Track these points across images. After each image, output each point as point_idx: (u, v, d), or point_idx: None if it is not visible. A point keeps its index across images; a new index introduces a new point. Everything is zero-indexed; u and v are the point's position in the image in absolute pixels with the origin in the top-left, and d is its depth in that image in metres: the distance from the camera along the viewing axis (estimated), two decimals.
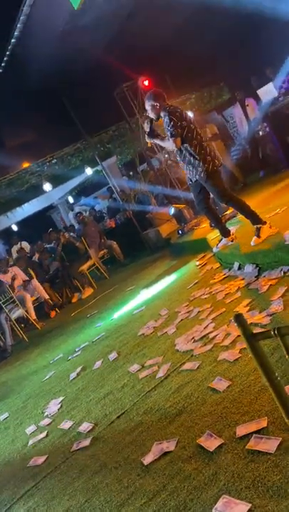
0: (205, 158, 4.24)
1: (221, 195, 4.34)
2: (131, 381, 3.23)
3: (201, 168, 4.25)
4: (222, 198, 4.37)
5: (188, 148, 4.24)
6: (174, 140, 4.17)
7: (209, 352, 2.94)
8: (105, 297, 6.98)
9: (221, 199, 4.39)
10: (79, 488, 2.31)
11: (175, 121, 4.14)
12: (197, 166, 4.27)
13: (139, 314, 4.83)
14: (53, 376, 4.49)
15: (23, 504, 2.47)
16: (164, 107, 4.24)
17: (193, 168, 4.32)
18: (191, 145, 4.23)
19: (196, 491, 1.79)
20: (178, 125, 4.15)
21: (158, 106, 4.26)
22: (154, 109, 4.29)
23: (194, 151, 4.23)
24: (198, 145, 4.24)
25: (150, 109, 4.32)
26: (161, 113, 4.26)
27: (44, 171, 10.39)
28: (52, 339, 6.21)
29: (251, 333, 1.29)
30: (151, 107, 4.29)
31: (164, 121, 4.27)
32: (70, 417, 3.24)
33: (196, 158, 4.24)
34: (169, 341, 3.55)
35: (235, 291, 3.72)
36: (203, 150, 4.25)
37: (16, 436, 3.51)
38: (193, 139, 4.23)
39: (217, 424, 2.14)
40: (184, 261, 6.19)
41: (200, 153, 4.23)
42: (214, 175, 4.27)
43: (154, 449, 2.23)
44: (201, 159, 4.23)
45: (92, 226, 9.23)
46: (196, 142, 4.24)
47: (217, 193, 4.34)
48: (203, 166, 4.23)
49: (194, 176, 4.37)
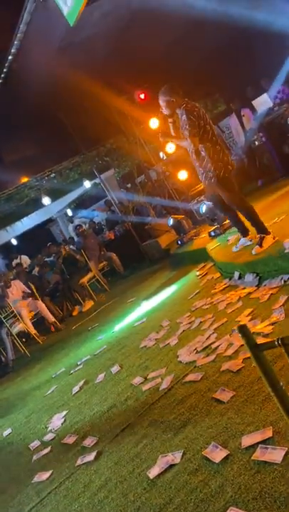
0: (217, 164, 4.10)
1: (231, 201, 4.23)
2: (134, 394, 3.22)
3: (212, 173, 4.12)
4: (231, 204, 4.26)
5: (203, 150, 4.08)
6: (192, 139, 3.98)
7: (212, 363, 2.93)
8: (106, 310, 6.97)
9: (231, 204, 4.28)
10: (84, 503, 2.29)
11: (193, 120, 3.96)
12: (208, 170, 4.14)
13: (141, 326, 4.82)
14: (55, 390, 4.47)
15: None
16: (180, 104, 4.05)
17: (204, 172, 4.20)
18: (206, 147, 4.08)
19: (203, 504, 1.78)
20: (196, 124, 3.98)
21: (174, 101, 4.05)
22: (169, 105, 4.09)
23: (208, 155, 4.08)
24: (212, 148, 4.09)
25: (165, 104, 4.11)
26: (178, 110, 4.08)
27: (43, 185, 10.46)
28: (54, 353, 6.18)
29: (255, 344, 1.30)
30: (167, 103, 4.08)
31: (180, 119, 4.08)
32: (74, 431, 3.22)
33: (208, 162, 4.10)
34: (171, 353, 3.54)
35: (236, 301, 3.73)
36: (216, 154, 4.10)
37: (20, 452, 3.48)
38: (208, 141, 4.08)
39: (222, 435, 2.13)
40: (184, 271, 6.19)
41: (212, 158, 4.09)
42: (225, 181, 4.15)
43: (159, 462, 2.21)
44: (212, 164, 4.09)
45: (92, 238, 9.25)
46: (210, 145, 4.09)
47: (227, 198, 4.24)
48: (214, 171, 4.11)
49: (205, 179, 4.26)
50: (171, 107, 4.10)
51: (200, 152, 4.13)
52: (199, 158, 4.18)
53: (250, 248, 4.16)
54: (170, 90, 4.08)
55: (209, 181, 4.21)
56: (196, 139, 4.01)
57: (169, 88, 4.09)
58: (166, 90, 4.09)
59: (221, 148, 4.17)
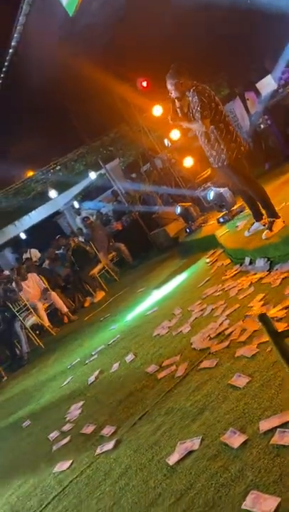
0: (229, 146, 4.03)
1: (242, 183, 4.19)
2: (150, 382, 3.25)
3: (225, 155, 4.06)
4: (243, 185, 4.21)
5: (215, 132, 4.02)
6: (204, 121, 3.92)
7: (226, 349, 2.94)
8: (117, 300, 7.01)
9: (243, 186, 4.23)
10: (106, 491, 2.34)
11: (205, 102, 3.91)
12: (220, 152, 4.07)
13: (153, 315, 4.85)
14: (71, 381, 4.52)
15: (52, 509, 2.50)
16: (191, 86, 3.99)
17: (216, 154, 4.13)
18: (218, 129, 4.01)
19: (224, 488, 1.81)
20: (208, 106, 3.92)
21: (182, 83, 3.99)
22: (178, 87, 4.01)
23: (220, 136, 4.01)
24: (225, 129, 4.02)
25: (174, 87, 4.03)
26: (188, 92, 4.01)
27: (49, 178, 10.46)
28: (68, 344, 6.24)
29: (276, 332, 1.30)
30: (174, 85, 4.01)
31: (191, 102, 4.01)
32: (92, 420, 3.26)
33: (220, 144, 4.04)
34: (184, 340, 3.56)
35: (248, 287, 3.72)
36: (230, 135, 4.03)
37: (40, 442, 3.54)
38: (220, 121, 4.01)
39: (240, 420, 2.15)
40: (193, 259, 6.19)
41: (225, 139, 4.02)
42: (237, 163, 4.09)
43: (178, 449, 2.24)
44: (225, 146, 4.03)
45: (100, 230, 9.26)
46: (223, 126, 4.02)
47: (239, 180, 4.19)
48: (227, 153, 4.04)
49: (217, 162, 4.19)
50: (180, 90, 4.03)
51: (211, 135, 4.06)
52: (210, 141, 4.11)
53: (262, 232, 4.14)
54: (178, 72, 4.01)
55: (222, 164, 4.14)
56: (207, 121, 3.96)
57: (177, 70, 4.03)
58: (173, 72, 4.03)
59: (233, 129, 4.11)
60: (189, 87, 4.02)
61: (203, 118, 3.94)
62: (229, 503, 1.72)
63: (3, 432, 4.40)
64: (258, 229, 4.37)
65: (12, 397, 5.50)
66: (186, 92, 4.05)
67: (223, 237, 5.31)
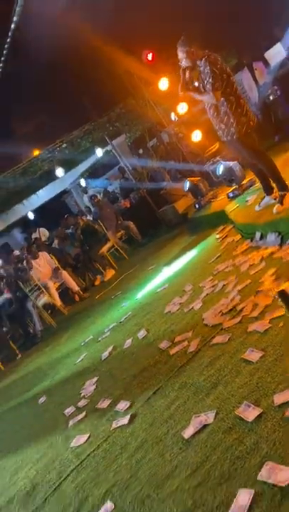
0: (239, 120, 3.95)
1: (252, 157, 4.11)
2: (163, 357, 3.28)
3: (234, 129, 3.98)
4: (253, 159, 4.13)
5: (225, 105, 3.93)
6: (215, 93, 3.82)
7: (239, 324, 2.95)
8: (127, 278, 7.03)
9: (253, 160, 4.16)
10: (123, 464, 2.39)
11: (216, 73, 3.81)
12: (230, 125, 3.99)
13: (163, 292, 4.86)
14: (85, 358, 4.59)
15: (70, 482, 2.57)
16: (202, 55, 3.89)
17: (225, 128, 4.04)
18: (228, 101, 3.92)
19: (239, 461, 1.84)
20: (219, 77, 3.81)
21: (194, 51, 3.88)
22: (189, 56, 3.90)
23: (230, 109, 3.93)
24: (236, 102, 3.93)
25: (185, 56, 3.93)
26: (199, 62, 3.91)
27: (55, 156, 10.39)
28: (80, 322, 6.32)
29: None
30: (186, 54, 3.90)
31: (202, 72, 3.91)
32: (106, 396, 3.32)
33: (230, 118, 3.95)
34: (196, 316, 3.57)
35: (259, 262, 3.70)
36: (240, 108, 3.95)
37: (56, 418, 3.62)
38: (231, 94, 3.92)
39: (254, 394, 2.17)
40: (203, 235, 6.16)
41: (235, 112, 3.93)
42: (246, 137, 4.00)
43: (193, 423, 2.28)
44: (235, 119, 3.95)
45: (108, 208, 9.23)
46: (234, 99, 3.93)
47: (248, 154, 4.12)
48: (236, 127, 3.96)
49: (226, 135, 4.10)
50: (191, 58, 3.92)
51: (220, 107, 3.97)
52: (219, 114, 4.02)
53: (272, 207, 4.09)
54: (189, 40, 3.91)
55: (232, 137, 4.06)
56: (218, 93, 3.86)
57: (188, 38, 3.92)
58: (185, 40, 3.92)
59: (244, 102, 4.01)
60: (200, 57, 3.91)
61: (215, 90, 3.83)
62: (245, 475, 1.76)
63: (19, 408, 4.51)
64: (268, 203, 4.31)
65: (27, 375, 5.61)
66: (197, 62, 3.93)
67: (233, 212, 5.26)
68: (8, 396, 5.25)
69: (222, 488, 1.78)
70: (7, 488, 3.02)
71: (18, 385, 5.43)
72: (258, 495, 1.63)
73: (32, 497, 2.71)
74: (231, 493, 1.72)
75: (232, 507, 1.64)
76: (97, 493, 2.31)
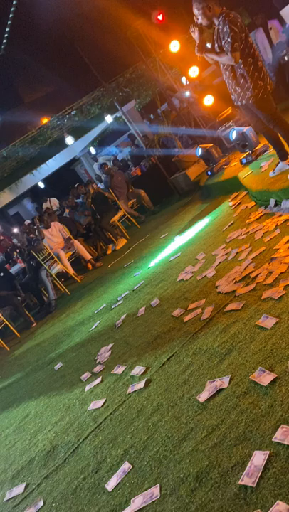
0: (256, 83, 3.80)
1: (268, 120, 3.98)
2: (176, 325, 3.32)
3: (250, 93, 3.84)
4: (270, 122, 4.00)
5: (242, 67, 3.78)
6: (234, 54, 3.63)
7: (252, 291, 2.96)
8: (139, 247, 7.04)
9: (269, 122, 4.02)
10: (139, 426, 2.46)
11: (236, 32, 3.60)
12: (246, 89, 3.85)
13: (176, 260, 4.87)
14: (99, 325, 4.67)
15: (89, 443, 2.67)
16: (220, 13, 3.67)
17: (241, 91, 3.91)
18: (245, 63, 3.75)
19: (254, 423, 1.88)
20: (238, 37, 3.61)
21: (210, 8, 3.65)
22: (205, 13, 3.69)
23: (247, 72, 3.77)
24: (253, 64, 3.77)
25: (201, 13, 3.71)
26: (216, 20, 3.71)
27: (64, 123, 10.22)
28: (93, 291, 6.38)
29: None
30: (203, 11, 3.68)
31: (221, 30, 3.70)
32: (121, 362, 3.39)
33: (247, 81, 3.80)
34: (209, 284, 3.58)
35: (273, 229, 3.67)
36: (257, 72, 3.79)
37: (73, 383, 3.72)
38: (249, 55, 3.74)
39: (268, 360, 2.20)
40: (216, 203, 6.10)
41: (252, 75, 3.78)
42: (263, 100, 3.87)
43: (208, 387, 2.32)
44: (252, 83, 3.80)
45: (119, 176, 9.14)
46: (252, 61, 3.76)
47: (265, 117, 3.98)
48: (253, 91, 3.82)
49: (241, 99, 3.97)
50: (207, 15, 3.70)
51: (237, 69, 3.81)
52: (236, 77, 3.86)
53: (287, 173, 4.02)
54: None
55: (247, 101, 3.94)
56: (237, 54, 3.67)
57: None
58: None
59: (262, 64, 3.84)
60: (218, 14, 3.69)
61: (233, 50, 3.63)
62: (260, 437, 1.80)
63: (36, 375, 4.63)
64: (283, 169, 4.23)
65: (43, 342, 5.74)
66: (214, 19, 3.72)
67: (246, 178, 5.17)
68: (24, 363, 5.39)
69: (237, 449, 1.83)
70: (28, 449, 3.15)
71: (34, 352, 5.56)
72: (273, 456, 1.67)
73: (52, 457, 2.82)
74: (246, 454, 1.77)
75: (247, 467, 1.69)
76: (115, 454, 2.39)
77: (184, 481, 1.87)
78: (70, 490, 2.38)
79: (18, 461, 3.08)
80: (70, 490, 2.38)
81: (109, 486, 2.18)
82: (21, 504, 2.59)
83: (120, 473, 2.21)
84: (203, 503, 1.71)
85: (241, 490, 1.64)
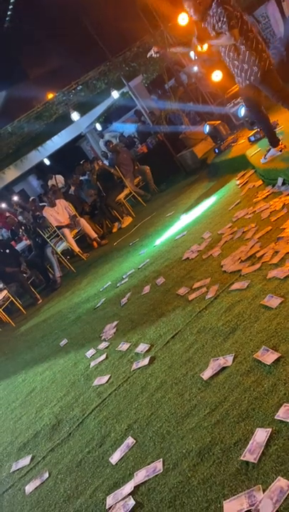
0: (261, 55, 3.82)
1: (277, 96, 3.98)
2: (181, 303, 3.33)
3: (257, 66, 3.84)
4: (278, 99, 4.01)
5: (244, 43, 3.79)
6: (233, 32, 3.65)
7: (258, 271, 2.95)
8: (145, 225, 7.02)
9: (277, 99, 4.03)
10: (143, 402, 2.50)
11: (230, 11, 3.66)
12: (252, 64, 3.86)
13: (182, 239, 4.85)
14: (104, 303, 4.69)
15: (93, 418, 2.71)
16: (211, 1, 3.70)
17: (248, 67, 3.89)
18: (247, 38, 3.77)
19: (257, 401, 1.89)
20: (233, 15, 3.65)
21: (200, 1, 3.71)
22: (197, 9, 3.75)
23: (250, 47, 3.78)
24: (255, 38, 3.79)
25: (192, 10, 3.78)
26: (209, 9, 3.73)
27: (70, 99, 10.06)
28: (98, 268, 6.40)
29: None
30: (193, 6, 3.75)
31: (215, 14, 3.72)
32: (126, 339, 3.42)
33: (253, 54, 3.81)
34: (215, 263, 3.57)
35: (280, 208, 3.63)
36: (260, 44, 3.82)
37: (78, 359, 3.77)
38: (249, 31, 3.78)
39: (272, 339, 2.20)
40: (223, 181, 6.03)
41: (256, 48, 3.79)
42: (271, 74, 3.89)
43: (211, 365, 2.34)
44: (257, 56, 3.81)
45: (125, 153, 9.04)
46: (252, 35, 3.79)
47: (273, 93, 3.98)
48: (260, 63, 3.83)
49: (249, 76, 3.95)
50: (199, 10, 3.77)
51: (240, 47, 3.81)
52: (240, 54, 3.85)
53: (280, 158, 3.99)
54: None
55: (255, 76, 3.91)
56: (236, 31, 3.68)
57: None
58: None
59: (262, 39, 3.89)
60: (210, 3, 3.73)
61: (231, 28, 3.66)
62: (262, 414, 1.82)
63: (42, 351, 4.69)
64: (274, 155, 4.31)
65: (48, 318, 5.79)
66: (207, 11, 3.76)
67: (254, 156, 5.10)
68: (30, 339, 5.46)
69: (240, 426, 1.85)
70: (34, 423, 3.21)
71: (39, 329, 5.62)
72: (275, 433, 1.69)
73: (57, 431, 2.88)
74: (249, 431, 1.79)
75: (249, 444, 1.72)
76: (119, 428, 2.43)
77: (187, 456, 1.91)
78: (74, 463, 2.44)
79: (24, 434, 3.15)
80: (75, 463, 2.43)
81: (113, 460, 2.23)
82: (27, 476, 2.66)
83: (124, 448, 2.25)
84: (205, 478, 1.74)
85: (243, 466, 1.67)
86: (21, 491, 2.55)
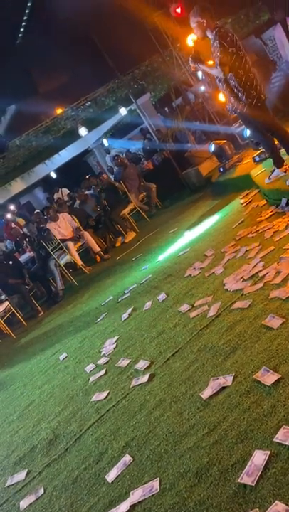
0: (249, 93, 4.03)
1: (266, 127, 4.16)
2: (182, 320, 3.33)
3: (244, 101, 4.06)
4: (268, 130, 4.19)
5: (233, 79, 4.02)
6: (222, 68, 3.90)
7: (260, 290, 2.95)
8: (148, 240, 7.04)
9: (267, 130, 4.20)
10: (142, 420, 2.48)
11: (225, 47, 3.88)
12: (240, 98, 4.07)
13: (185, 256, 4.86)
14: (105, 317, 4.69)
15: (91, 434, 2.69)
16: (213, 29, 3.94)
17: (235, 101, 4.13)
18: (237, 75, 4.00)
19: (256, 423, 1.88)
20: (228, 51, 3.89)
21: (204, 23, 3.96)
22: (200, 27, 3.99)
23: (239, 83, 4.01)
24: (245, 76, 4.01)
25: (196, 26, 4.02)
26: (209, 34, 3.98)
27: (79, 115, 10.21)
28: (101, 282, 6.40)
29: None
30: (198, 24, 4.00)
31: (212, 45, 3.99)
32: (126, 355, 3.41)
33: (240, 91, 4.03)
34: (217, 281, 3.58)
35: (284, 229, 3.65)
36: (249, 82, 4.03)
37: (77, 374, 3.75)
38: (241, 68, 3.99)
39: (273, 360, 2.20)
40: (227, 200, 6.07)
41: (245, 86, 4.01)
42: (257, 109, 4.08)
43: (211, 384, 2.33)
44: (244, 93, 4.02)
45: (131, 168, 9.12)
46: (243, 72, 4.00)
47: (263, 124, 4.17)
48: (246, 100, 4.04)
49: (236, 108, 4.19)
50: (202, 29, 4.01)
51: (230, 81, 4.04)
52: (229, 87, 4.08)
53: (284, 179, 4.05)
54: (201, 11, 3.98)
55: (241, 110, 4.12)
56: (226, 68, 3.92)
57: (200, 9, 4.00)
58: (196, 11, 4.00)
59: (254, 76, 4.05)
60: (212, 28, 3.95)
61: (222, 64, 3.89)
62: (261, 436, 1.80)
63: (41, 364, 4.67)
64: (279, 176, 4.37)
65: (49, 331, 5.78)
66: (207, 32, 3.99)
67: (258, 176, 5.14)
68: (30, 351, 5.44)
69: (238, 447, 1.83)
70: (31, 437, 3.19)
71: (40, 342, 5.60)
72: (274, 456, 1.67)
73: (54, 446, 2.86)
74: (247, 452, 1.77)
75: (247, 466, 1.70)
76: (116, 446, 2.41)
77: (184, 476, 1.89)
78: (70, 479, 2.41)
79: (20, 448, 3.12)
80: (71, 479, 2.41)
81: (110, 478, 2.20)
82: (22, 491, 2.63)
83: (121, 466, 2.23)
84: (201, 500, 1.72)
85: (240, 488, 1.65)
86: (15, 507, 2.52)
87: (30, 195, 18.68)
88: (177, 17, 7.92)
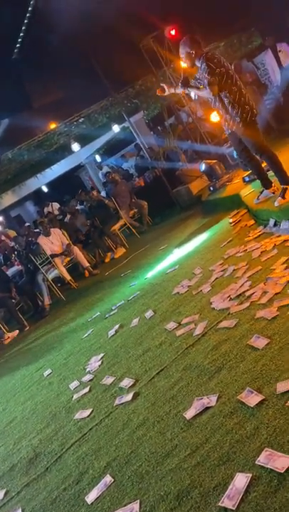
0: (244, 108, 4.09)
1: (256, 148, 4.23)
2: (168, 338, 3.31)
3: (239, 118, 4.12)
4: (257, 151, 4.26)
5: (227, 96, 4.09)
6: (211, 88, 3.99)
7: (246, 310, 2.95)
8: (138, 257, 7.04)
9: (256, 151, 4.28)
10: (124, 440, 2.44)
11: (212, 68, 3.97)
12: (235, 115, 4.13)
13: (173, 273, 4.87)
14: (91, 334, 4.65)
15: (72, 453, 2.64)
16: (201, 54, 4.05)
17: (230, 118, 4.19)
18: (230, 92, 4.08)
19: (239, 444, 1.86)
20: (215, 72, 3.98)
21: (193, 54, 4.06)
22: (188, 57, 4.10)
23: (233, 99, 4.08)
24: (238, 92, 4.09)
25: (185, 56, 4.13)
26: (197, 62, 4.08)
27: (72, 130, 10.30)
28: (88, 298, 6.37)
29: None
30: (186, 55, 4.11)
31: (200, 69, 4.09)
32: (111, 373, 3.37)
33: (234, 107, 4.10)
34: (204, 300, 3.58)
35: (271, 249, 3.68)
36: (243, 97, 4.10)
37: (61, 391, 3.70)
38: (233, 85, 4.08)
39: (257, 380, 2.19)
40: (216, 219, 6.12)
41: (239, 101, 4.09)
42: (251, 126, 4.14)
43: (195, 404, 2.31)
44: (239, 108, 4.09)
45: (123, 185, 9.18)
46: (236, 89, 4.08)
47: (253, 144, 4.23)
48: (241, 115, 4.10)
49: (231, 126, 4.25)
50: (190, 59, 4.11)
51: (224, 99, 4.11)
52: (224, 105, 4.15)
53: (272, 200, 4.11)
54: (190, 42, 4.08)
55: (237, 126, 4.18)
56: (214, 87, 4.00)
57: (189, 40, 4.09)
58: (186, 42, 4.10)
59: (246, 92, 4.16)
60: (199, 56, 4.05)
61: (210, 84, 3.99)
62: (243, 458, 1.78)
63: (25, 380, 4.59)
64: (267, 196, 4.45)
65: (34, 347, 5.71)
66: (196, 62, 4.10)
67: (247, 196, 5.20)
68: (14, 367, 5.35)
69: (220, 469, 1.81)
70: (11, 455, 3.11)
71: (24, 357, 5.53)
72: (255, 479, 1.66)
73: (34, 465, 2.79)
74: (229, 475, 1.75)
75: (229, 489, 1.68)
76: (98, 466, 2.37)
77: (165, 498, 1.85)
78: (49, 500, 2.35)
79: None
80: (50, 500, 2.35)
81: (89, 499, 2.16)
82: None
83: (101, 486, 2.18)
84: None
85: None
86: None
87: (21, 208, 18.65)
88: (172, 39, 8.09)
